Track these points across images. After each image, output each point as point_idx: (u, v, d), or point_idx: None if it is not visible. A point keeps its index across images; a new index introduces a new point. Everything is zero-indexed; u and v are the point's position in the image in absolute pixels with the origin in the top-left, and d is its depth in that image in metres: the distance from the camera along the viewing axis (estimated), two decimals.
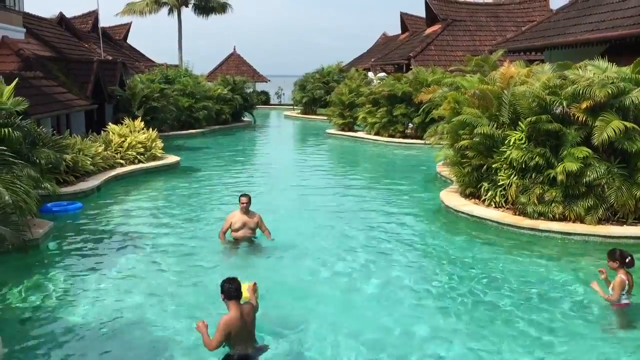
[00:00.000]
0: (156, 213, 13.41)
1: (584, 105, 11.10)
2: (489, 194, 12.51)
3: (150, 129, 19.75)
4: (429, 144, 17.79)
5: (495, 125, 12.44)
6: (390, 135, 25.93)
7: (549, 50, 21.30)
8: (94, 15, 38.72)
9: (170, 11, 45.85)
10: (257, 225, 10.48)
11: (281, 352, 6.64)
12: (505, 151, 12.00)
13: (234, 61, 53.28)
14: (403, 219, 12.78)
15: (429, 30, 39.41)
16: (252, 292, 6.90)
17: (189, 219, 12.78)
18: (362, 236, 11.41)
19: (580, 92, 11.13)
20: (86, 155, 15.97)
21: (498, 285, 8.76)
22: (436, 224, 12.49)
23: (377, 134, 26.56)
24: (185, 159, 20.30)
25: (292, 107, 45.60)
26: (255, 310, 6.68)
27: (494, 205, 12.41)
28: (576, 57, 14.61)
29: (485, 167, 12.66)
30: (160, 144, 19.45)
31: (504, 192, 12.18)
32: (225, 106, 32.99)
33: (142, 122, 20.02)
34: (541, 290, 8.51)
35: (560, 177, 11.07)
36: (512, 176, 11.91)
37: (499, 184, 12.25)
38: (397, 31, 49.73)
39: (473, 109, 12.91)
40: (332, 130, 29.96)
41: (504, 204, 12.26)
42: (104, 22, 52.56)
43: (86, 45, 32.92)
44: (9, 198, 8.19)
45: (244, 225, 10.35)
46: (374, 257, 10.15)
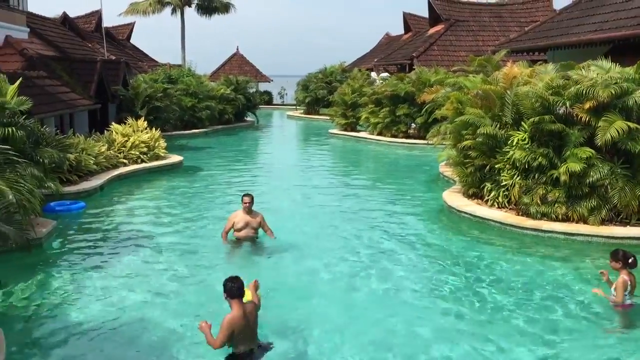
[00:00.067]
0: (159, 212, 13.43)
1: (587, 106, 11.08)
2: (492, 194, 12.50)
3: (153, 129, 19.77)
4: (431, 144, 17.79)
5: (498, 126, 12.43)
6: (393, 136, 25.92)
7: (552, 51, 21.26)
8: (97, 15, 38.84)
9: (174, 11, 45.98)
10: (260, 225, 10.49)
11: (284, 352, 6.64)
12: (508, 151, 11.99)
13: (237, 61, 53.38)
14: (405, 219, 12.79)
15: (432, 31, 39.36)
16: (254, 290, 6.92)
17: (192, 219, 12.80)
18: (364, 236, 11.41)
19: (584, 92, 11.12)
20: (89, 155, 16.00)
21: (501, 285, 8.76)
22: (439, 224, 12.48)
23: (379, 134, 26.56)
24: (188, 158, 20.32)
25: (294, 107, 45.61)
26: (258, 308, 6.69)
27: (496, 206, 12.40)
28: (579, 58, 14.59)
29: (488, 167, 12.65)
30: (163, 143, 19.48)
31: (506, 193, 12.17)
32: (228, 106, 33.03)
33: (145, 122, 20.05)
34: (544, 291, 8.50)
35: (563, 178, 11.05)
36: (515, 176, 11.90)
37: (501, 184, 12.24)
38: (400, 31, 49.74)
39: (476, 109, 12.91)
40: (334, 130, 29.98)
41: (507, 205, 12.25)
42: (107, 22, 52.81)
43: (89, 45, 32.96)
44: (12, 197, 8.20)
45: (246, 225, 10.36)
46: (376, 257, 10.16)
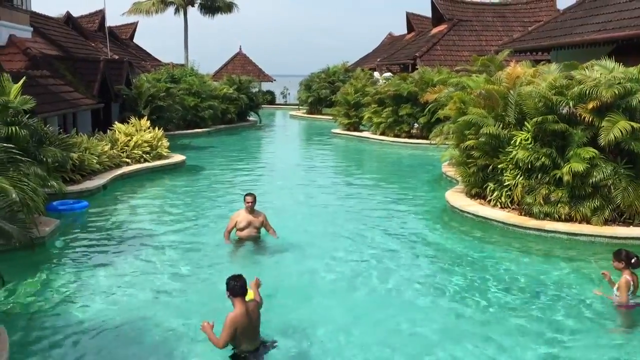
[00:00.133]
0: (161, 212, 13.45)
1: (590, 106, 11.07)
2: (495, 194, 12.48)
3: (156, 128, 19.79)
4: (434, 144, 17.77)
5: (501, 126, 12.42)
6: (396, 135, 25.90)
7: (555, 51, 21.24)
8: (100, 14, 38.91)
9: (177, 11, 46.04)
10: (262, 224, 10.50)
11: (287, 351, 6.65)
12: (511, 151, 11.97)
13: (240, 61, 53.43)
14: (408, 219, 12.78)
15: (435, 30, 39.34)
16: (256, 288, 6.92)
17: (194, 218, 12.81)
18: (366, 236, 11.40)
19: (587, 92, 11.10)
20: (92, 154, 16.03)
21: (503, 285, 8.75)
22: (441, 224, 12.47)
23: (382, 133, 26.53)
24: (190, 158, 20.34)
25: (297, 106, 45.61)
26: (260, 306, 6.70)
27: (499, 206, 12.39)
28: (583, 58, 14.56)
29: (491, 167, 12.64)
30: (166, 143, 19.51)
31: (509, 193, 12.16)
32: (231, 106, 33.03)
33: (148, 121, 20.07)
34: (547, 291, 8.50)
35: (566, 178, 11.04)
36: (518, 176, 11.89)
37: (504, 184, 12.23)
38: (403, 31, 49.74)
39: (479, 109, 12.89)
40: (337, 130, 29.97)
41: (510, 205, 12.24)
42: (111, 21, 52.78)
43: (93, 44, 33.01)
44: (16, 196, 8.21)
45: (249, 225, 10.37)
46: (379, 256, 10.16)
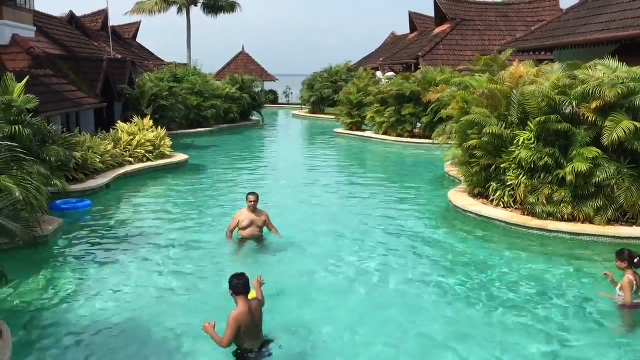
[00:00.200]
0: (164, 211, 13.47)
1: (593, 105, 11.05)
2: (498, 194, 12.47)
3: (159, 128, 19.83)
4: (437, 144, 17.76)
5: (504, 125, 12.41)
6: (399, 135, 25.89)
7: (558, 50, 21.20)
8: (103, 14, 38.93)
9: (180, 10, 46.04)
10: (265, 223, 10.50)
11: (290, 349, 6.65)
12: (514, 151, 11.96)
13: (243, 60, 53.44)
14: (411, 219, 12.77)
15: (438, 30, 39.31)
16: (258, 287, 6.93)
17: (197, 217, 12.82)
18: (369, 235, 11.40)
19: (590, 92, 11.09)
20: (95, 153, 16.06)
21: (507, 285, 8.74)
22: (444, 223, 12.46)
23: (385, 133, 26.54)
24: (193, 157, 20.37)
25: (300, 106, 45.63)
26: (262, 304, 6.71)
27: (502, 206, 12.37)
28: (586, 57, 14.54)
29: (493, 167, 12.63)
30: (168, 142, 19.54)
31: (512, 192, 12.15)
32: (234, 105, 33.07)
33: (151, 121, 20.11)
34: (550, 290, 8.48)
35: (569, 178, 11.02)
36: (521, 176, 11.88)
37: (507, 184, 12.22)
38: (405, 30, 49.72)
39: (482, 108, 12.88)
40: (340, 130, 29.97)
41: (513, 204, 12.22)
42: (114, 21, 52.91)
43: (96, 43, 33.06)
44: (19, 194, 8.24)
45: (251, 224, 10.38)
46: (381, 256, 10.15)
